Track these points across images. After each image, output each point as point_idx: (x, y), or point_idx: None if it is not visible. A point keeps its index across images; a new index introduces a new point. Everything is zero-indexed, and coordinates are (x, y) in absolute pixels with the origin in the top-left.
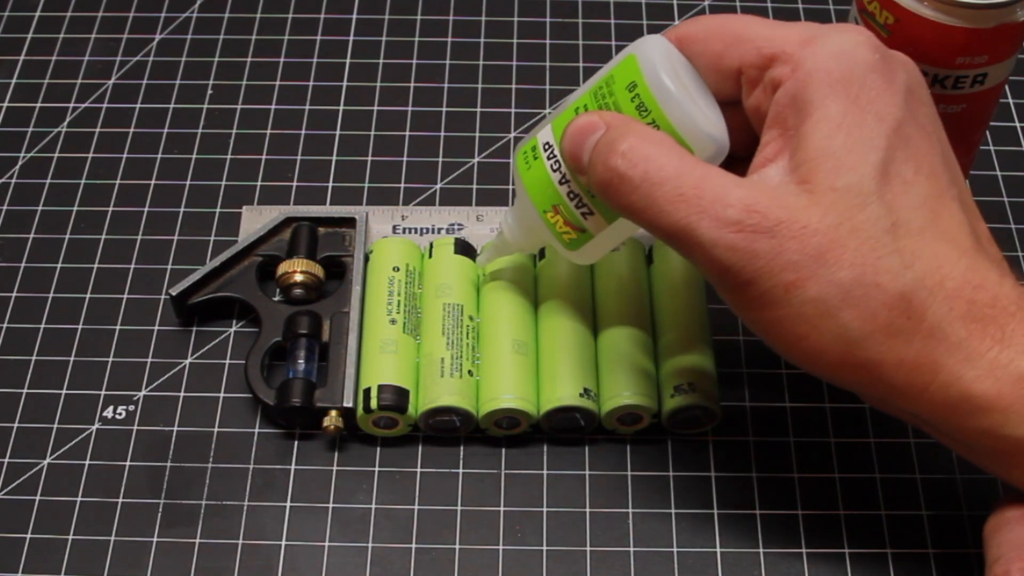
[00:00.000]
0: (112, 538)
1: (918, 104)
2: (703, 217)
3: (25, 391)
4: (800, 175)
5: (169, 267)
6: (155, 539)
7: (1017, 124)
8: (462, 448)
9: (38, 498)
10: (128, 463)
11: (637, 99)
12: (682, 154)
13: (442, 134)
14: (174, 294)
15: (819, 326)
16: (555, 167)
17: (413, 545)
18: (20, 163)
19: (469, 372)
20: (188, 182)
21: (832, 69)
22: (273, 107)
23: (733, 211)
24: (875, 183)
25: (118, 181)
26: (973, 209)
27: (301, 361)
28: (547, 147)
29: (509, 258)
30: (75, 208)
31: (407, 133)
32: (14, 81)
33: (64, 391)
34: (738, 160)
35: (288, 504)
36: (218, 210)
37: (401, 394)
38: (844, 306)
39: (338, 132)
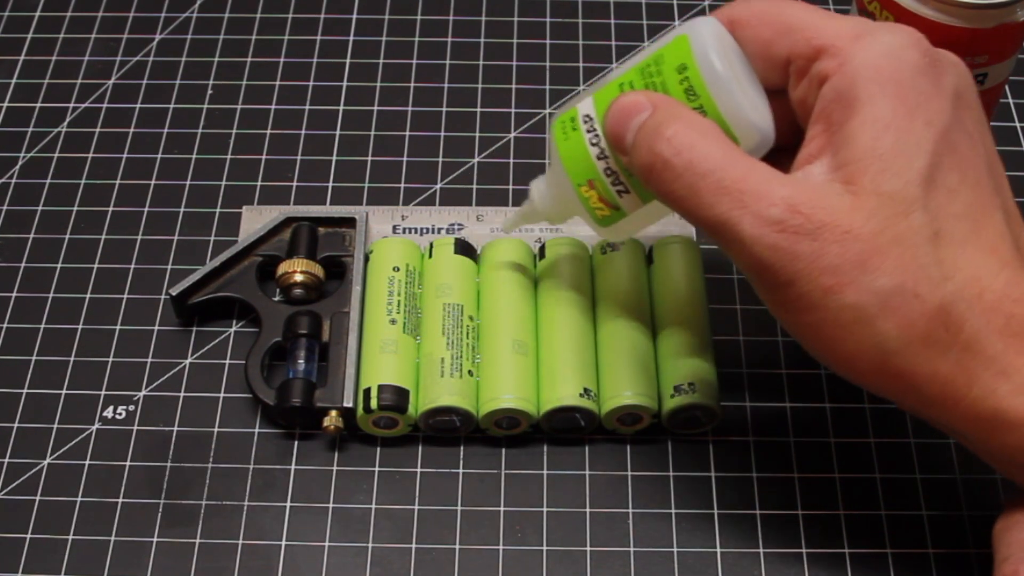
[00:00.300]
0: (112, 538)
1: (965, 109)
2: (745, 213)
3: (25, 391)
4: (845, 175)
5: (169, 267)
6: (155, 539)
7: (1017, 124)
8: (462, 448)
9: (38, 498)
10: (128, 463)
11: (686, 82)
12: (728, 145)
13: (442, 134)
14: (174, 294)
15: (855, 332)
16: (594, 141)
17: (413, 545)
18: (20, 163)
19: (469, 372)
20: (188, 182)
21: (882, 67)
22: (273, 107)
23: (776, 210)
24: (920, 190)
25: (118, 181)
26: (1017, 218)
27: (301, 361)
28: (587, 120)
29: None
30: (75, 208)
31: (407, 133)
32: (14, 81)
33: (64, 391)
34: (780, 151)
35: (288, 504)
36: (218, 210)
37: (401, 394)
38: (882, 314)
39: (338, 132)
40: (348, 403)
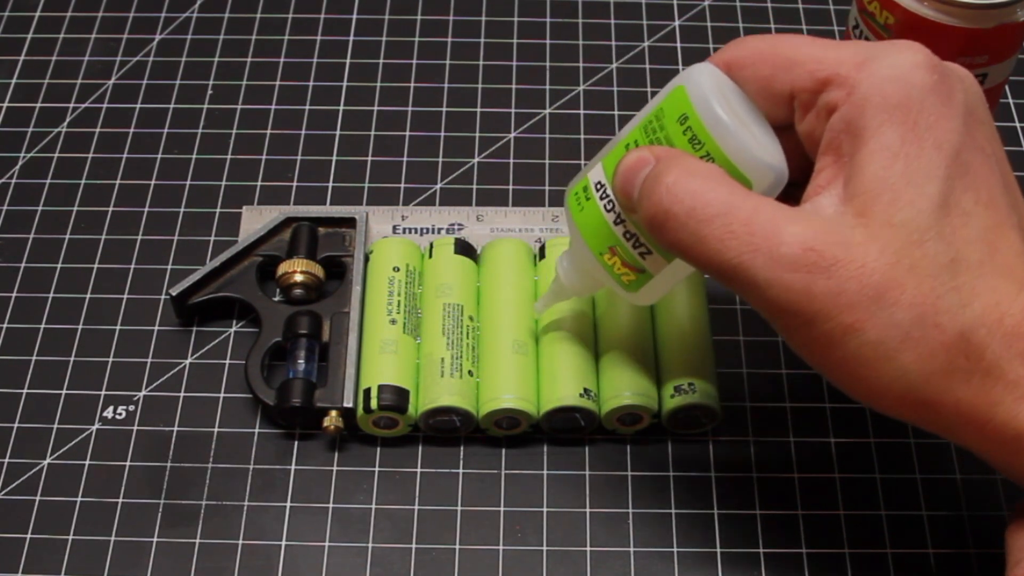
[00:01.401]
0: (112, 538)
1: (977, 125)
2: (756, 255)
3: (25, 391)
4: (856, 207)
5: (169, 267)
6: (155, 539)
7: (1017, 124)
8: (462, 448)
9: (38, 498)
10: (128, 463)
11: (689, 132)
12: (731, 187)
13: (442, 134)
14: (174, 294)
15: (878, 368)
16: (609, 207)
17: (413, 545)
18: (20, 163)
19: (469, 372)
20: (188, 182)
21: (889, 93)
22: (273, 107)
23: (788, 249)
24: (934, 217)
25: (118, 181)
26: None
27: (301, 361)
28: (599, 186)
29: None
30: (75, 208)
31: (407, 133)
32: (14, 81)
33: (64, 391)
34: (791, 185)
35: (288, 504)
36: (218, 210)
37: (401, 394)
38: (903, 348)
39: (338, 132)
40: (348, 403)
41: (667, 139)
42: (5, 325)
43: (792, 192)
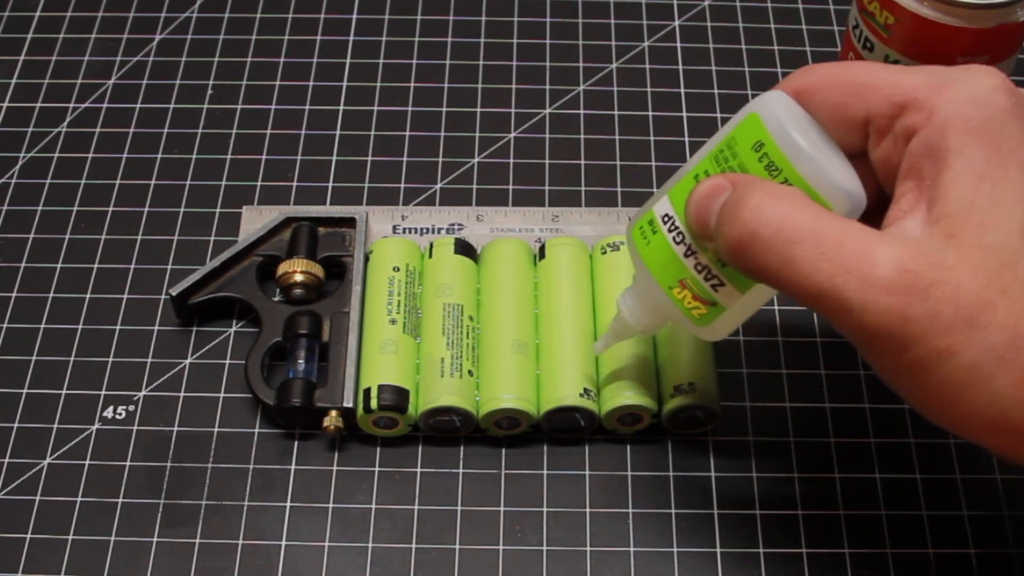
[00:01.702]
0: (112, 538)
1: None
2: (849, 278)
3: (25, 391)
4: (943, 229)
5: (169, 267)
6: (155, 539)
7: None
8: (462, 448)
9: (38, 498)
10: (128, 463)
11: (765, 159)
12: (818, 209)
13: (442, 134)
14: (174, 294)
15: (970, 392)
16: (678, 239)
17: (413, 545)
18: (20, 163)
19: (469, 372)
20: (188, 182)
21: (970, 116)
22: (273, 107)
23: (883, 271)
24: (1022, 239)
25: (118, 181)
26: None
27: (301, 361)
28: (666, 219)
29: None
30: (75, 208)
31: (407, 133)
32: (14, 81)
33: (64, 391)
34: (865, 215)
35: (288, 504)
36: (218, 210)
37: (401, 394)
38: (997, 372)
39: (338, 132)
40: (348, 403)
41: (741, 167)
42: (5, 325)
43: (866, 221)
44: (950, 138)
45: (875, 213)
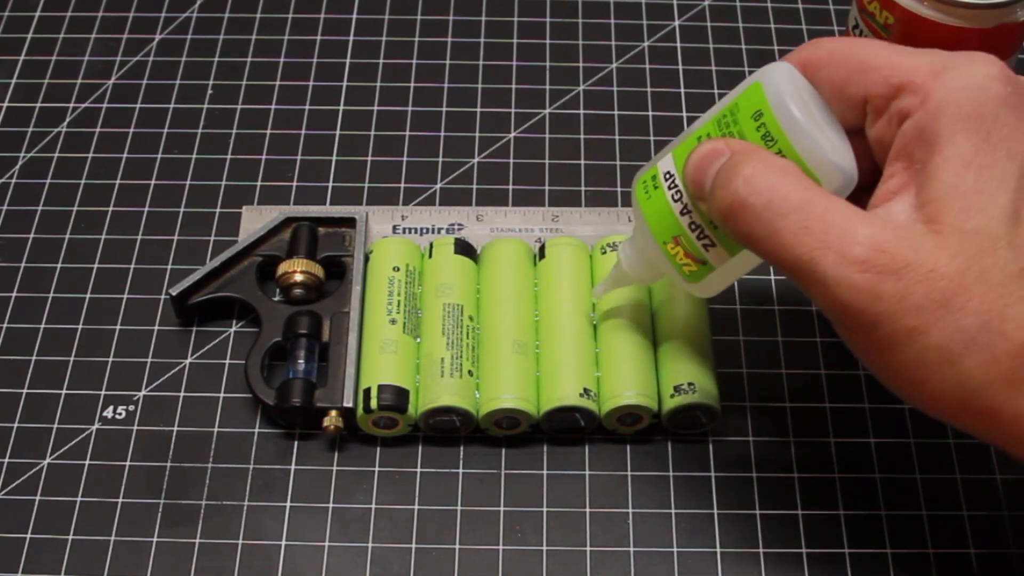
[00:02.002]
0: (112, 538)
1: None
2: (827, 253)
3: (25, 391)
4: (927, 214)
5: (169, 267)
6: (155, 539)
7: None
8: (462, 448)
9: (38, 498)
10: (128, 463)
11: (763, 128)
12: (807, 184)
13: (442, 134)
14: (174, 294)
15: (939, 372)
16: (676, 197)
17: (413, 545)
18: (20, 163)
19: (469, 372)
20: (188, 182)
21: (963, 103)
22: (273, 107)
23: (860, 249)
24: (1005, 226)
25: (118, 181)
26: None
27: (301, 361)
28: (668, 176)
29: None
30: (75, 208)
31: (407, 133)
32: (14, 81)
33: (64, 391)
34: (858, 190)
35: (288, 504)
36: (218, 210)
37: (401, 394)
38: (967, 353)
39: (338, 132)
40: (348, 403)
41: (740, 134)
42: (5, 325)
43: (858, 196)
44: (942, 123)
45: (870, 188)
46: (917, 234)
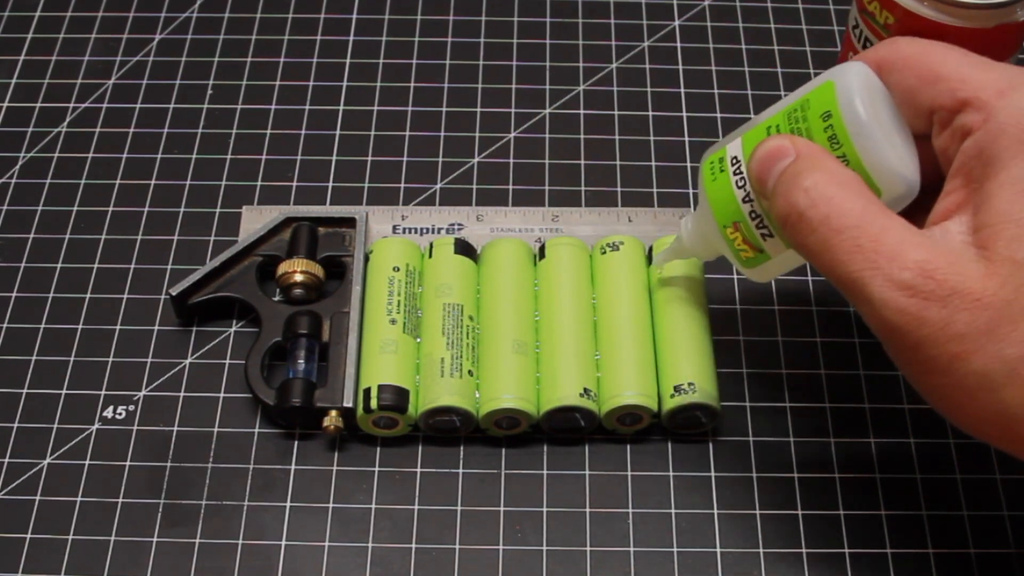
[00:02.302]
0: (112, 538)
1: None
2: (877, 274)
3: (25, 391)
4: (980, 239)
5: (169, 267)
6: (155, 539)
7: None
8: (462, 448)
9: (38, 498)
10: (128, 463)
11: (830, 129)
12: (867, 200)
13: (442, 134)
14: (174, 294)
15: (980, 398)
16: (740, 183)
17: (413, 545)
18: (20, 163)
19: (469, 372)
20: (188, 182)
21: None
22: (273, 107)
23: (908, 274)
24: None
25: (118, 181)
26: None
27: (301, 361)
28: (735, 161)
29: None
30: (75, 208)
31: (407, 133)
32: (14, 81)
33: (64, 391)
34: (923, 192)
35: (288, 504)
36: (218, 210)
37: (401, 394)
38: (1008, 383)
39: (338, 132)
40: (348, 403)
41: (807, 132)
42: (5, 325)
43: (921, 200)
44: (1001, 145)
45: (930, 194)
46: (968, 260)
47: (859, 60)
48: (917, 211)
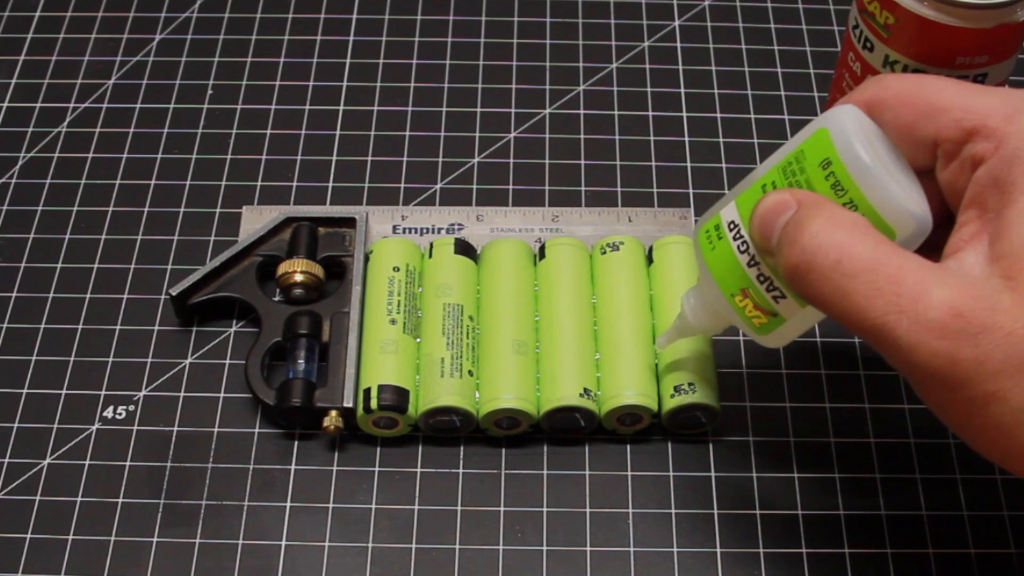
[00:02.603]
0: (112, 538)
1: None
2: (902, 317)
3: (25, 391)
4: (1003, 268)
5: (169, 267)
6: (155, 539)
7: None
8: (462, 448)
9: (38, 498)
10: (128, 463)
11: (832, 177)
12: (877, 241)
13: (442, 134)
14: (174, 294)
15: (1019, 435)
16: (742, 248)
17: (413, 545)
18: (20, 163)
19: (469, 372)
20: (188, 182)
21: None
22: (273, 107)
23: (935, 313)
24: None
25: (118, 181)
26: None
27: (301, 361)
28: (732, 226)
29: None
30: (75, 208)
31: (407, 133)
32: (14, 81)
33: (64, 391)
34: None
35: (288, 504)
36: (218, 210)
37: (401, 394)
38: None
39: (338, 132)
40: (348, 403)
41: (807, 183)
42: (5, 325)
43: (931, 238)
44: (1016, 171)
45: (940, 228)
46: (993, 291)
47: (846, 103)
48: (923, 249)
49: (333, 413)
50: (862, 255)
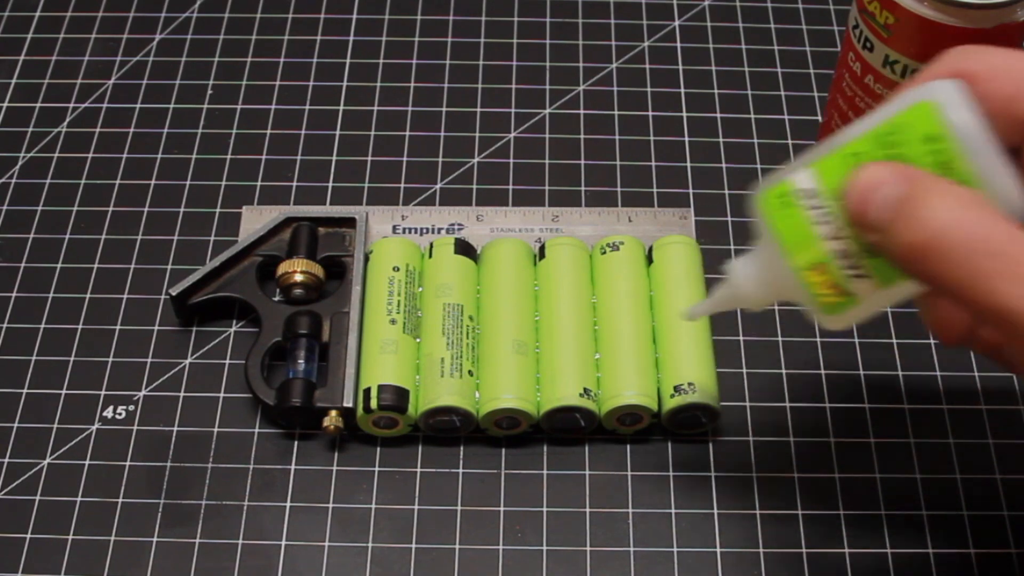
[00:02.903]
0: (112, 538)
1: None
2: None
3: (25, 391)
4: None
5: (169, 267)
6: (155, 539)
7: None
8: (462, 448)
9: (38, 498)
10: (128, 463)
11: (940, 155)
12: (1007, 220)
13: (442, 134)
14: (174, 294)
15: None
16: (822, 219)
17: (413, 545)
18: (20, 163)
19: (469, 372)
20: (188, 182)
21: None
22: (273, 107)
23: None
24: None
25: (118, 181)
26: None
27: (301, 361)
28: (809, 195)
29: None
30: (75, 208)
31: (407, 133)
32: (14, 81)
33: (64, 391)
34: None
35: (288, 504)
36: (218, 210)
37: (401, 394)
38: None
39: (338, 132)
40: (348, 403)
41: (904, 157)
42: (5, 325)
43: None
44: None
45: None
46: None
47: (937, 76)
48: None
49: (333, 413)
50: (998, 235)
